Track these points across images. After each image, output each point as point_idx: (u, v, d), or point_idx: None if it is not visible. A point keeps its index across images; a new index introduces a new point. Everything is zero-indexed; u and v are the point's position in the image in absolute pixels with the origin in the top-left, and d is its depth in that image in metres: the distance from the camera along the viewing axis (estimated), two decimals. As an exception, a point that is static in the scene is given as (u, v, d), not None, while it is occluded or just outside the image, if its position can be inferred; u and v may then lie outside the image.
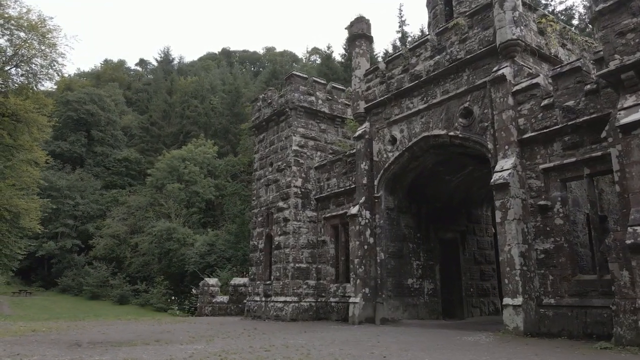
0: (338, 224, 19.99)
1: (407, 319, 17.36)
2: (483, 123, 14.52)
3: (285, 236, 20.41)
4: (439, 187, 19.29)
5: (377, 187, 17.95)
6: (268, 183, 22.29)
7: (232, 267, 42.51)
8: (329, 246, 20.30)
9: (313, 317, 19.80)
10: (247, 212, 48.51)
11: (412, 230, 18.56)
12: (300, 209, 20.68)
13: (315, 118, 22.03)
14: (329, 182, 20.64)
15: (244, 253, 43.85)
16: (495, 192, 13.02)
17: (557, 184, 12.44)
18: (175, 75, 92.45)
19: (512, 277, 12.28)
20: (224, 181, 62.06)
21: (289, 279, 19.74)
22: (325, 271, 20.17)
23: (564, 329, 11.68)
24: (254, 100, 24.82)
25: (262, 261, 21.80)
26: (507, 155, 13.24)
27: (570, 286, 11.82)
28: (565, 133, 12.32)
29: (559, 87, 12.57)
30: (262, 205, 22.51)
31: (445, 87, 15.90)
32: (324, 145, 22.11)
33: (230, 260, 45.14)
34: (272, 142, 22.59)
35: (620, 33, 10.15)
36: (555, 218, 12.35)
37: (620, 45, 10.15)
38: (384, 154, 17.97)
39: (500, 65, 14.02)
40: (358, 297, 17.00)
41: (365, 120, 18.97)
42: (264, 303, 20.90)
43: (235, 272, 39.54)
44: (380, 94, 18.27)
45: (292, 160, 20.90)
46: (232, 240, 47.15)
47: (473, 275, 20.09)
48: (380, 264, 17.34)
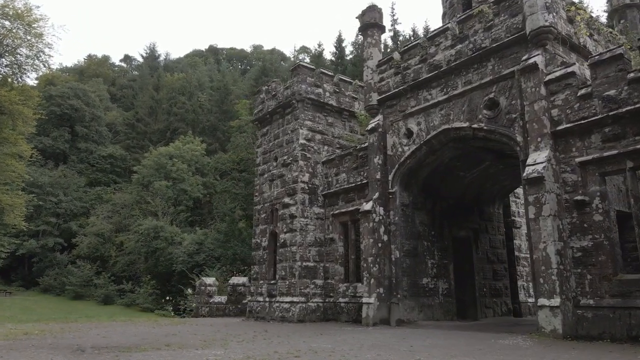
0: (348, 220, 19.14)
1: (423, 320, 16.60)
2: (510, 115, 13.81)
3: (291, 233, 19.48)
4: (453, 183, 18.59)
5: (391, 183, 17.15)
6: (272, 178, 21.32)
7: (221, 266, 41.44)
8: (337, 244, 19.43)
9: (320, 318, 18.91)
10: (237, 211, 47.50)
11: (426, 227, 17.81)
12: (308, 205, 19.77)
13: (323, 111, 21.15)
14: (338, 178, 19.77)
15: (234, 252, 42.77)
16: (529, 187, 12.30)
17: (596, 178, 11.78)
18: (161, 71, 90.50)
19: (549, 276, 11.57)
20: (213, 179, 60.85)
21: (296, 279, 18.82)
22: (334, 270, 19.30)
23: (604, 332, 11.00)
24: (256, 92, 23.84)
25: (266, 260, 20.83)
26: (539, 148, 12.54)
27: (611, 286, 11.16)
28: (605, 124, 11.67)
29: (598, 76, 11.91)
30: (265, 202, 21.53)
31: (467, 78, 15.17)
32: (331, 140, 21.23)
33: (220, 260, 44.04)
34: (276, 136, 21.63)
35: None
36: (593, 214, 11.68)
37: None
38: (398, 147, 17.17)
39: (531, 53, 13.34)
40: (372, 297, 16.16)
41: (378, 113, 18.16)
42: (268, 304, 19.93)
43: (225, 271, 38.46)
44: (395, 85, 17.48)
45: (299, 154, 19.98)
46: (221, 239, 46.02)
47: (486, 274, 19.44)
48: (395, 262, 16.54)
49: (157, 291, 44.65)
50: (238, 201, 47.81)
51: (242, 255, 43.05)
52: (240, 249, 43.54)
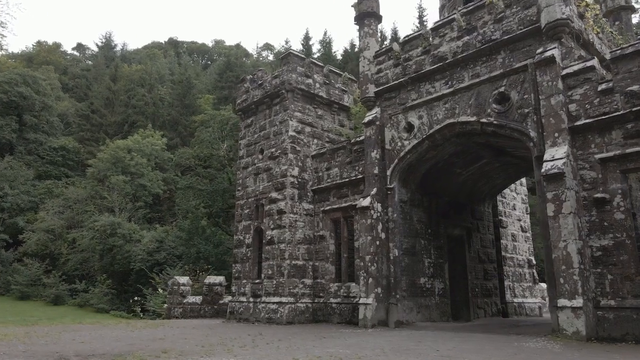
0: (340, 217, 18.28)
1: (420, 322, 15.99)
2: (523, 109, 13.39)
3: (279, 230, 18.41)
4: (450, 180, 18.13)
5: (389, 178, 16.44)
6: (258, 172, 20.16)
7: (183, 265, 39.69)
8: (328, 242, 18.53)
9: (309, 319, 17.95)
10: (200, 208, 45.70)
11: (423, 225, 17.24)
12: (297, 200, 18.77)
13: (313, 102, 20.21)
14: (330, 172, 18.87)
15: (197, 250, 41.08)
16: (547, 183, 11.87)
17: (617, 175, 11.50)
18: (119, 61, 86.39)
19: (570, 276, 11.16)
20: (174, 175, 58.56)
21: (285, 278, 17.76)
22: (324, 269, 18.38)
23: (627, 333, 10.69)
24: (240, 80, 22.57)
25: (250, 257, 19.64)
26: (557, 144, 12.15)
27: (634, 286, 10.87)
28: (627, 120, 11.40)
29: (620, 71, 11.64)
30: (249, 196, 20.34)
31: (475, 70, 14.67)
32: (321, 133, 20.32)
33: (182, 258, 42.21)
34: (262, 127, 20.49)
35: None
36: (614, 212, 11.38)
37: None
38: (397, 142, 16.49)
39: (546, 46, 12.97)
40: (370, 297, 15.37)
41: (374, 106, 17.42)
42: (253, 304, 18.76)
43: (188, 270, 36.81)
44: (395, 77, 16.79)
45: (289, 147, 18.94)
46: (184, 237, 44.10)
47: (477, 274, 19.12)
48: (393, 261, 15.83)
49: (112, 291, 42.32)
50: (202, 198, 46.09)
51: (205, 253, 41.50)
52: (205, 247, 41.94)
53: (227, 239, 44.51)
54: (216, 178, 45.89)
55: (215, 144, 48.83)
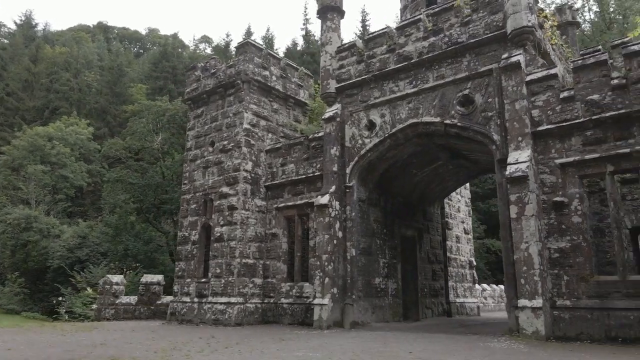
0: (294, 215, 17.71)
1: (374, 322, 15.82)
2: (487, 113, 13.61)
3: (230, 227, 17.50)
4: (405, 180, 18.17)
5: (349, 176, 16.15)
6: (207, 165, 19.09)
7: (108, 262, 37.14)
8: (280, 240, 17.88)
9: (259, 320, 17.20)
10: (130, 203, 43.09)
11: (379, 225, 17.12)
12: (249, 196, 17.95)
13: (269, 95, 19.48)
14: (285, 168, 18.25)
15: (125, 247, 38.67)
16: (511, 186, 12.08)
17: (575, 180, 11.93)
18: (40, 42, 79.81)
19: (530, 277, 11.41)
20: (100, 167, 54.90)
21: (235, 277, 16.89)
22: (275, 268, 17.71)
23: (582, 332, 11.08)
24: (190, 68, 21.30)
25: (196, 255, 18.52)
26: (520, 147, 12.42)
27: (588, 287, 11.30)
28: (586, 128, 11.87)
29: (581, 80, 12.11)
30: (197, 191, 19.20)
31: (440, 72, 14.75)
32: (275, 127, 19.64)
33: (107, 255, 39.51)
34: (214, 118, 19.44)
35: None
36: (572, 216, 11.80)
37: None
38: (358, 139, 16.25)
39: (511, 52, 13.26)
40: (326, 298, 14.95)
41: (335, 102, 17.07)
42: (197, 305, 17.68)
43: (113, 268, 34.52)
44: (358, 74, 16.55)
45: (243, 140, 18.09)
46: (110, 233, 41.37)
47: (427, 275, 19.34)
48: (350, 261, 15.54)
49: (25, 290, 38.75)
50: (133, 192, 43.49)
51: (134, 251, 39.19)
52: (134, 244, 39.59)
53: (158, 236, 42.30)
54: (148, 172, 43.49)
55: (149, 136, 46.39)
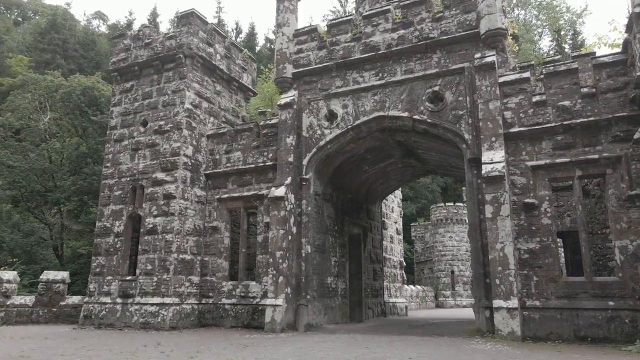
0: (240, 207, 16.19)
1: (326, 324, 15.00)
2: (457, 111, 13.46)
3: (166, 218, 15.50)
4: (356, 176, 17.60)
5: (305, 168, 15.13)
6: (137, 147, 16.77)
7: (-29, 256, 31.98)
8: (222, 234, 16.24)
9: (195, 323, 15.44)
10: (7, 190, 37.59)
11: (332, 221, 16.32)
12: (189, 185, 16.08)
13: (212, 75, 17.68)
14: (230, 156, 16.63)
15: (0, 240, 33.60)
16: (487, 186, 12.00)
17: (545, 182, 12.18)
18: None
19: (506, 277, 11.38)
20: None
21: (171, 274, 14.96)
22: (215, 265, 16.04)
23: (552, 332, 11.29)
24: (117, 35, 18.59)
25: (120, 249, 16.14)
26: (493, 148, 12.40)
27: (557, 288, 11.55)
28: (556, 132, 12.17)
29: (553, 86, 12.41)
30: (123, 175, 16.78)
31: (409, 66, 14.35)
32: (218, 111, 17.89)
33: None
34: (147, 95, 17.15)
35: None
36: (542, 217, 12.01)
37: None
38: (317, 130, 15.29)
39: (484, 53, 13.25)
40: (280, 298, 13.77)
41: (291, 88, 15.93)
42: (122, 306, 15.39)
43: (-19, 263, 29.75)
44: (319, 61, 15.59)
45: (184, 121, 16.14)
46: (-25, 223, 35.73)
47: (369, 274, 18.96)
48: (305, 258, 14.52)
49: None
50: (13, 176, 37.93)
51: (11, 244, 34.30)
52: (10, 236, 34.60)
53: (41, 228, 37.35)
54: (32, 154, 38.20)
55: (35, 114, 40.97)
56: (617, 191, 11.40)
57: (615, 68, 11.81)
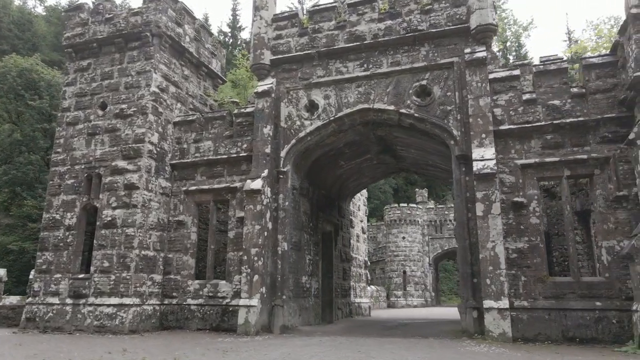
0: (209, 201, 15.02)
1: (301, 325, 14.21)
2: (445, 106, 13.10)
3: (127, 210, 14.08)
4: (331, 172, 16.93)
5: (283, 160, 14.26)
6: (95, 131, 15.19)
7: None
8: (189, 229, 15.00)
9: (156, 326, 14.12)
10: None
11: (308, 217, 15.55)
12: (154, 175, 14.73)
13: (181, 58, 16.38)
14: (200, 145, 15.42)
15: None
16: (478, 183, 11.70)
17: (534, 182, 12.04)
18: None
19: (497, 277, 11.11)
20: None
21: (132, 272, 13.57)
22: (180, 263, 14.78)
23: (540, 333, 11.09)
24: (73, 8, 16.77)
25: (71, 244, 14.51)
26: (484, 145, 12.13)
27: (545, 288, 11.40)
28: (546, 131, 12.07)
29: (542, 85, 12.31)
30: (77, 162, 15.13)
31: (395, 58, 13.85)
32: (185, 97, 16.60)
33: None
34: (107, 75, 15.59)
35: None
36: (530, 216, 11.85)
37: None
38: (296, 120, 14.47)
39: (474, 48, 12.99)
40: (255, 298, 12.81)
41: (269, 75, 15.01)
42: (73, 308, 13.81)
43: None
44: (299, 48, 14.78)
45: (150, 105, 14.77)
46: None
47: (339, 273, 18.34)
48: (281, 256, 13.64)
49: None
50: None
51: None
52: None
53: None
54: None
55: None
56: (605, 192, 11.42)
57: (604, 69, 11.86)
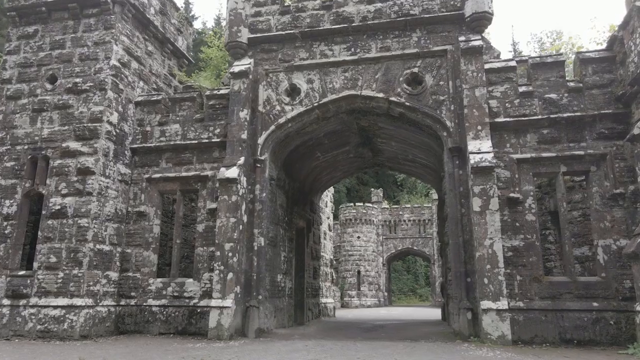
0: (176, 190, 13.48)
1: (276, 328, 13.05)
2: (438, 96, 12.41)
3: (81, 198, 12.31)
4: (307, 163, 15.87)
5: (261, 147, 13.04)
6: (42, 107, 13.26)
7: None
8: (151, 221, 13.40)
9: (111, 330, 12.45)
10: None
11: (284, 211, 14.40)
12: (112, 159, 13.03)
13: (145, 32, 14.71)
14: (165, 129, 13.84)
15: None
16: (475, 177, 11.04)
17: (529, 177, 11.57)
18: None
19: (495, 276, 10.49)
20: None
21: (85, 269, 11.85)
22: (141, 259, 13.14)
23: (536, 335, 10.58)
24: (17, -35, 14.65)
25: (10, 236, 12.52)
26: (480, 137, 11.53)
27: (541, 288, 10.92)
28: (542, 125, 11.65)
29: (539, 78, 11.89)
30: (19, 142, 13.12)
31: (385, 43, 13.00)
32: (148, 75, 14.93)
33: None
34: (58, 44, 13.68)
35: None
36: (526, 213, 11.35)
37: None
38: (276, 105, 13.29)
39: (469, 36, 12.39)
40: (229, 299, 11.51)
41: (245, 55, 13.72)
42: (11, 310, 11.87)
43: None
44: (281, 27, 13.62)
45: (109, 80, 13.05)
46: None
47: (310, 272, 17.28)
48: (257, 252, 12.41)
49: None
50: None
51: None
52: None
53: None
54: None
55: None
56: (601, 189, 11.11)
57: (601, 64, 11.59)
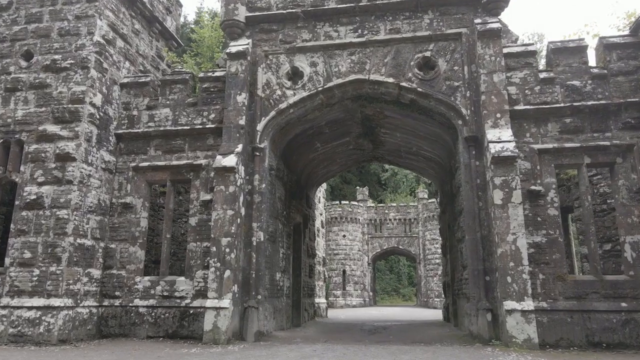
0: (166, 180, 12.31)
1: (275, 330, 12.02)
2: (452, 82, 11.58)
3: (59, 187, 11.05)
4: (304, 154, 14.88)
5: (260, 135, 12.00)
6: (15, 86, 11.92)
7: None
8: (138, 214, 12.20)
9: (93, 333, 11.23)
10: None
11: (282, 204, 13.38)
12: (95, 145, 11.80)
13: (131, 8, 13.49)
14: (154, 113, 12.66)
15: None
16: (495, 167, 10.24)
17: (551, 169, 10.83)
18: None
19: (519, 274, 9.70)
20: None
21: (64, 265, 10.61)
22: (126, 255, 11.93)
23: (562, 338, 9.84)
24: None
25: (-21, 230, 11.21)
26: (499, 125, 10.74)
27: (566, 287, 10.19)
28: (565, 114, 10.94)
29: (561, 64, 11.18)
30: (-11, 125, 11.81)
31: (395, 25, 12.12)
32: (135, 56, 13.71)
33: None
34: (34, 17, 12.36)
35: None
36: (548, 207, 10.61)
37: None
38: (276, 89, 12.27)
39: (485, 19, 11.60)
40: (226, 299, 10.44)
41: (243, 35, 12.66)
42: (-22, 312, 10.58)
43: None
44: (281, 5, 12.61)
45: (92, 58, 11.82)
46: None
47: (306, 270, 16.28)
48: (257, 248, 11.36)
49: None
50: None
51: None
52: None
53: None
54: None
55: None
56: (628, 182, 10.45)
57: (626, 50, 10.95)
